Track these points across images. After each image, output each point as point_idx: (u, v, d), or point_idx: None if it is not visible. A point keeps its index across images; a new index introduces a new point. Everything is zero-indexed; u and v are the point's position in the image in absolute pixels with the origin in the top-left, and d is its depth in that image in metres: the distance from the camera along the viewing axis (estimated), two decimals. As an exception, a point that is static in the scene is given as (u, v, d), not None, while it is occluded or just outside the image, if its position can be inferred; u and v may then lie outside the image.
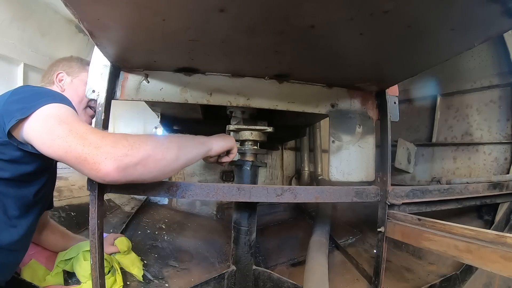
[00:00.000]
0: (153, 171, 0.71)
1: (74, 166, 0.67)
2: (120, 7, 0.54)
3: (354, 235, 1.78)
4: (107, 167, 0.63)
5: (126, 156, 0.65)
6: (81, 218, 1.55)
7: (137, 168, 0.67)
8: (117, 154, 0.64)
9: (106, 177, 0.65)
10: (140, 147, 0.68)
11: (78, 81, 1.04)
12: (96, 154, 0.63)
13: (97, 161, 0.63)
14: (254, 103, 0.95)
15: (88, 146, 0.64)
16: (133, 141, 0.68)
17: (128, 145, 0.66)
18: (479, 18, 0.54)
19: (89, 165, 0.64)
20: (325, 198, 0.94)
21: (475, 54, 1.86)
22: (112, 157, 0.64)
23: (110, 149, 0.64)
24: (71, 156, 0.65)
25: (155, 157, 0.70)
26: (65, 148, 0.65)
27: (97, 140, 0.65)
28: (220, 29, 0.62)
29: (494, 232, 0.67)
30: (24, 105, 0.72)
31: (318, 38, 0.64)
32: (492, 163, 1.74)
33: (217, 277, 1.09)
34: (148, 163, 0.69)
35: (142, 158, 0.67)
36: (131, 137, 0.69)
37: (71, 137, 0.66)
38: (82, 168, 0.66)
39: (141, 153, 0.67)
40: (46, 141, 0.69)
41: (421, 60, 0.77)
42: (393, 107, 1.00)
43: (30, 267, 1.05)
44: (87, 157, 0.63)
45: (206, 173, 2.48)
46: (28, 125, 0.72)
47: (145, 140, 0.70)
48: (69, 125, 0.69)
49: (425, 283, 1.19)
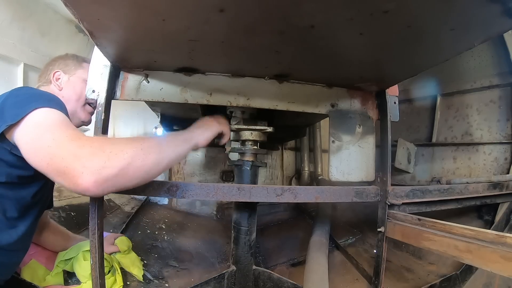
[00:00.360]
0: (134, 179, 0.68)
1: (54, 179, 0.65)
2: (120, 7, 0.54)
3: (354, 235, 1.78)
4: (85, 181, 0.60)
5: (103, 168, 0.61)
6: (81, 218, 1.55)
7: (117, 179, 0.64)
8: (94, 167, 0.61)
9: (86, 192, 0.62)
10: (118, 157, 0.64)
11: (75, 78, 1.04)
12: (74, 167, 0.61)
13: (76, 174, 0.60)
14: (254, 103, 0.95)
15: (67, 157, 0.62)
16: (110, 150, 0.64)
17: (105, 156, 0.63)
18: (479, 18, 0.54)
19: (68, 179, 0.61)
20: (325, 198, 0.94)
21: (475, 54, 1.86)
22: (90, 171, 0.60)
23: (86, 162, 0.61)
24: (52, 169, 0.63)
25: (134, 165, 0.66)
26: (46, 160, 0.63)
27: (75, 150, 0.63)
28: (220, 29, 0.62)
29: (494, 232, 0.67)
30: (16, 110, 0.71)
31: (318, 38, 0.64)
32: (492, 163, 1.74)
33: (217, 277, 1.09)
34: (127, 173, 0.65)
35: (121, 168, 0.64)
36: (109, 145, 0.66)
37: (52, 147, 0.63)
38: (63, 181, 0.63)
39: (119, 163, 0.63)
40: (30, 151, 0.68)
41: (421, 60, 0.77)
42: (393, 107, 1.00)
43: (30, 267, 1.05)
44: (65, 170, 0.61)
45: (206, 173, 2.48)
46: (18, 131, 0.71)
47: (123, 148, 0.66)
48: (52, 134, 0.66)
49: (425, 283, 1.19)
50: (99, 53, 0.81)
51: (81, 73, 1.03)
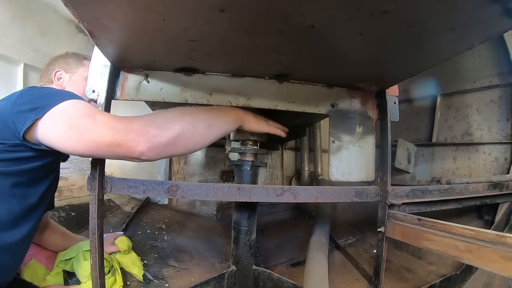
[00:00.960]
0: (183, 148, 0.78)
1: (106, 153, 0.71)
2: (120, 7, 0.54)
3: (354, 235, 1.78)
4: (140, 148, 0.69)
5: (155, 136, 0.71)
6: (81, 218, 1.55)
7: (167, 147, 0.73)
8: (147, 135, 0.70)
9: (141, 156, 0.71)
10: (168, 128, 0.73)
11: (77, 77, 1.04)
12: (129, 139, 0.69)
13: (131, 144, 0.69)
14: (254, 103, 0.95)
15: (118, 132, 0.69)
16: (161, 121, 0.73)
17: (157, 126, 0.72)
18: (479, 18, 0.54)
19: (123, 149, 0.69)
20: (325, 198, 0.94)
21: (475, 54, 1.86)
22: (144, 139, 0.70)
23: (140, 132, 0.70)
24: (103, 145, 0.68)
25: (184, 135, 0.75)
26: (96, 139, 0.68)
27: (126, 125, 0.70)
28: (220, 29, 0.62)
29: (494, 232, 0.67)
30: (36, 105, 0.72)
31: (318, 38, 0.64)
32: (492, 163, 1.74)
33: (217, 277, 1.09)
34: (177, 142, 0.74)
35: (171, 138, 0.73)
36: (159, 117, 0.75)
37: (99, 127, 0.69)
38: (115, 153, 0.70)
39: (169, 133, 0.73)
40: (72, 137, 0.70)
41: (421, 60, 0.77)
42: (393, 107, 1.00)
43: (30, 267, 1.05)
44: (120, 142, 0.68)
45: (206, 173, 2.48)
46: (43, 125, 0.72)
47: (173, 120, 0.75)
48: (92, 117, 0.71)
49: (425, 283, 1.19)
50: (99, 53, 0.80)
51: (83, 71, 1.03)
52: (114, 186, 0.84)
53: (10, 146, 0.76)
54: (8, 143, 0.76)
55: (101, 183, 0.82)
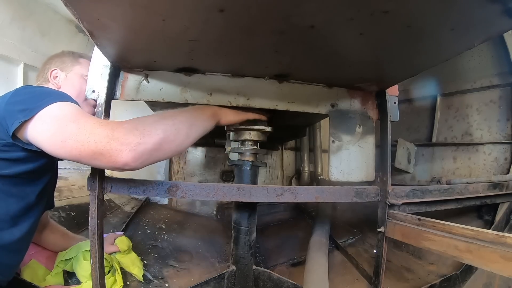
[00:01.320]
0: (167, 152, 0.76)
1: (89, 162, 0.69)
2: (120, 7, 0.54)
3: (354, 235, 1.78)
4: (123, 158, 0.66)
5: (139, 144, 0.68)
6: (81, 218, 1.55)
7: (152, 153, 0.71)
8: (130, 144, 0.67)
9: (124, 167, 0.68)
10: (151, 133, 0.71)
11: (72, 75, 1.04)
12: (110, 148, 0.66)
13: (113, 154, 0.66)
14: (254, 103, 0.95)
15: (100, 141, 0.66)
16: (143, 128, 0.71)
17: (140, 134, 0.69)
18: (479, 18, 0.54)
19: (105, 159, 0.66)
20: (325, 198, 0.94)
21: (475, 54, 1.86)
22: (127, 148, 0.67)
23: (123, 141, 0.67)
24: (86, 154, 0.67)
25: (168, 139, 0.74)
26: (78, 147, 0.67)
27: (108, 133, 0.67)
28: (220, 29, 0.62)
29: (494, 232, 0.67)
30: (27, 106, 0.72)
31: (318, 38, 0.64)
32: (492, 163, 1.74)
33: (217, 277, 1.09)
34: (162, 147, 0.72)
35: (155, 143, 0.71)
36: (140, 124, 0.72)
37: (81, 135, 0.67)
38: (98, 162, 0.68)
39: (153, 139, 0.70)
40: (56, 143, 0.69)
41: (421, 60, 0.77)
42: (393, 107, 1.00)
43: (30, 267, 1.05)
44: (102, 151, 0.66)
45: (206, 173, 2.48)
46: (32, 127, 0.72)
47: (155, 125, 0.73)
48: (77, 123, 0.69)
49: (425, 283, 1.19)
50: (99, 53, 0.81)
51: (78, 69, 1.03)
52: (114, 186, 0.84)
53: (4, 146, 0.76)
54: (2, 142, 0.76)
55: (101, 183, 0.82)
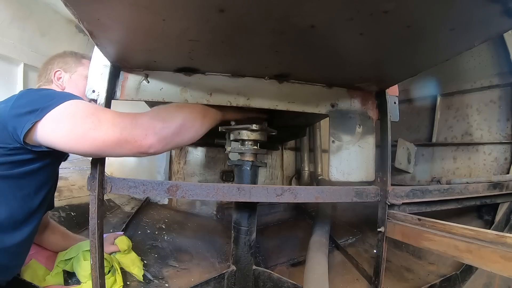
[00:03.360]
0: (186, 138, 0.83)
1: (112, 150, 0.72)
2: (120, 7, 0.54)
3: (354, 235, 1.78)
4: (148, 141, 0.72)
5: (162, 129, 0.75)
6: (81, 218, 1.55)
7: (173, 138, 0.78)
8: (154, 129, 0.74)
9: (149, 150, 0.74)
10: (173, 119, 0.78)
11: (76, 76, 1.03)
12: (136, 134, 0.71)
13: (138, 139, 0.71)
14: (254, 103, 0.95)
15: (124, 129, 0.70)
16: (164, 115, 0.79)
17: (161, 120, 0.76)
18: (479, 18, 0.54)
19: (130, 145, 0.71)
20: (325, 198, 0.94)
21: (475, 54, 1.86)
22: (151, 132, 0.73)
23: (147, 126, 0.73)
24: (110, 142, 0.70)
25: (186, 125, 0.81)
26: (102, 137, 0.69)
27: (131, 121, 0.72)
28: (220, 29, 0.62)
29: (494, 232, 0.67)
30: (36, 106, 0.71)
31: (318, 38, 0.64)
32: (492, 163, 1.74)
33: (217, 277, 1.09)
34: (181, 132, 0.80)
35: (176, 128, 0.78)
36: (161, 111, 0.79)
37: (104, 125, 0.69)
38: (122, 150, 0.72)
39: (174, 124, 0.78)
40: (75, 138, 0.70)
41: (421, 60, 0.77)
42: (393, 107, 1.00)
43: (30, 267, 1.05)
44: (127, 138, 0.70)
45: (206, 173, 2.48)
46: (44, 127, 0.71)
47: (175, 112, 0.81)
48: (96, 115, 0.71)
49: (425, 283, 1.19)
50: (99, 53, 0.81)
51: (82, 70, 1.03)
52: (114, 186, 0.84)
53: (10, 150, 0.76)
54: (8, 146, 0.76)
55: (101, 183, 0.82)
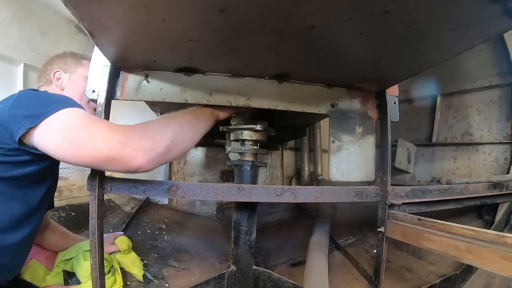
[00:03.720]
0: (176, 153, 0.81)
1: (101, 167, 0.72)
2: (120, 7, 0.54)
3: (354, 235, 1.78)
4: (137, 162, 0.70)
5: (152, 149, 0.72)
6: (81, 218, 1.55)
7: (163, 156, 0.76)
8: (144, 149, 0.71)
9: (138, 170, 0.72)
10: (162, 137, 0.75)
11: (76, 76, 1.03)
12: (124, 153, 0.68)
13: (127, 158, 0.69)
14: (254, 103, 0.95)
15: (113, 147, 0.68)
16: (154, 132, 0.75)
17: (151, 139, 0.73)
18: (479, 18, 0.54)
19: (119, 164, 0.69)
20: (325, 198, 0.94)
21: (475, 54, 1.86)
22: (141, 153, 0.70)
23: (136, 147, 0.70)
24: (99, 160, 0.68)
25: (176, 141, 0.78)
26: (90, 154, 0.67)
27: (120, 140, 0.69)
28: (220, 29, 0.62)
29: (494, 232, 0.67)
30: (32, 112, 0.71)
31: (318, 38, 0.64)
32: (492, 163, 1.74)
33: (217, 277, 1.09)
34: (171, 149, 0.77)
35: (166, 146, 0.75)
36: (150, 128, 0.76)
37: (93, 141, 0.68)
38: (111, 167, 0.70)
39: (164, 143, 0.75)
40: (66, 150, 0.69)
41: (421, 60, 0.77)
42: (393, 107, 1.00)
43: (30, 267, 1.05)
44: (115, 157, 0.68)
45: (206, 173, 2.48)
46: (39, 134, 0.71)
47: (164, 129, 0.78)
48: (87, 129, 0.70)
49: (425, 283, 1.19)
50: (99, 53, 0.81)
51: (82, 71, 1.03)
52: (114, 186, 0.84)
53: (9, 150, 0.76)
54: (7, 147, 0.76)
55: (101, 183, 0.82)
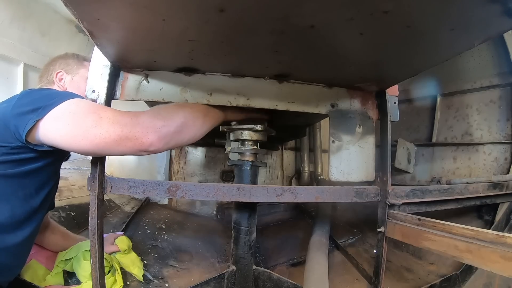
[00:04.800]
0: (186, 137, 0.82)
1: (113, 148, 0.72)
2: (120, 7, 0.54)
3: (354, 235, 1.78)
4: (149, 139, 0.72)
5: (163, 127, 0.75)
6: (81, 218, 1.55)
7: (174, 136, 0.78)
8: (155, 126, 0.73)
9: (150, 147, 0.73)
10: (173, 118, 0.78)
11: (78, 77, 1.04)
12: (136, 131, 0.71)
13: (139, 136, 0.71)
14: (254, 103, 0.95)
15: (125, 126, 0.70)
16: (165, 113, 0.78)
17: (162, 118, 0.76)
18: (479, 18, 0.54)
19: (131, 143, 0.71)
20: (325, 198, 0.94)
21: (475, 54, 1.86)
22: (152, 130, 0.73)
23: (148, 124, 0.73)
24: (111, 140, 0.69)
25: (187, 124, 0.80)
26: (103, 134, 0.69)
27: (132, 119, 0.72)
28: (220, 29, 0.62)
29: (494, 232, 0.67)
30: (38, 105, 0.72)
31: (318, 38, 0.64)
32: (492, 163, 1.74)
33: (217, 277, 1.09)
34: (182, 131, 0.79)
35: (177, 127, 0.78)
36: (162, 110, 0.79)
37: (105, 123, 0.69)
38: (123, 148, 0.72)
39: (175, 123, 0.78)
40: (78, 135, 0.70)
41: (421, 60, 0.77)
42: (393, 107, 1.00)
43: (30, 267, 1.05)
44: (128, 135, 0.70)
45: (206, 173, 2.48)
46: (46, 125, 0.72)
47: (176, 111, 0.81)
48: (97, 113, 0.71)
49: (425, 283, 1.19)
50: (99, 53, 0.81)
51: (84, 72, 1.04)
52: (114, 186, 0.84)
53: (12, 149, 0.76)
54: (10, 145, 0.76)
55: (101, 183, 0.83)
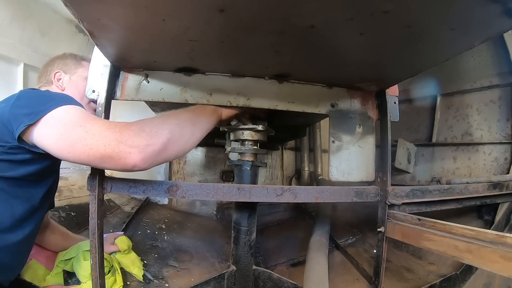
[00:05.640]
0: (174, 152, 0.77)
1: (98, 165, 0.71)
2: (120, 7, 0.54)
3: (354, 235, 1.78)
4: (132, 160, 0.68)
5: (147, 146, 0.69)
6: (81, 218, 1.55)
7: (160, 154, 0.72)
8: (140, 146, 0.68)
9: (134, 169, 0.70)
10: (158, 134, 0.72)
11: (76, 77, 1.04)
12: (120, 150, 0.67)
13: (122, 156, 0.67)
14: (254, 103, 0.95)
15: (109, 145, 0.67)
16: (150, 129, 0.72)
17: (147, 135, 0.70)
18: (479, 18, 0.54)
19: (114, 162, 0.67)
20: (325, 198, 0.94)
21: (475, 54, 1.86)
22: (136, 151, 0.68)
23: (131, 144, 0.68)
24: (95, 157, 0.67)
25: (174, 138, 0.75)
26: (86, 151, 0.67)
27: (116, 137, 0.68)
28: (220, 29, 0.62)
29: (494, 232, 0.67)
30: (32, 109, 0.72)
31: (318, 38, 0.64)
32: (492, 163, 1.74)
33: (217, 277, 1.09)
34: (168, 147, 0.74)
35: (163, 144, 0.72)
36: (147, 125, 0.73)
37: (89, 139, 0.67)
38: (107, 165, 0.69)
39: (160, 140, 0.72)
40: (63, 147, 0.69)
41: (421, 60, 0.77)
42: (393, 107, 1.00)
43: (30, 267, 1.05)
44: (111, 154, 0.67)
45: (206, 173, 2.48)
46: (38, 130, 0.72)
47: (161, 125, 0.75)
48: (84, 127, 0.69)
49: (425, 283, 1.19)
50: (99, 53, 0.81)
51: (82, 72, 1.03)
52: (114, 186, 0.84)
53: (10, 149, 0.76)
54: (7, 145, 0.76)
55: (101, 183, 0.83)
